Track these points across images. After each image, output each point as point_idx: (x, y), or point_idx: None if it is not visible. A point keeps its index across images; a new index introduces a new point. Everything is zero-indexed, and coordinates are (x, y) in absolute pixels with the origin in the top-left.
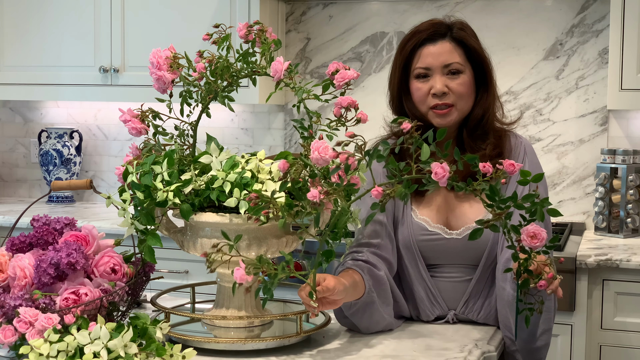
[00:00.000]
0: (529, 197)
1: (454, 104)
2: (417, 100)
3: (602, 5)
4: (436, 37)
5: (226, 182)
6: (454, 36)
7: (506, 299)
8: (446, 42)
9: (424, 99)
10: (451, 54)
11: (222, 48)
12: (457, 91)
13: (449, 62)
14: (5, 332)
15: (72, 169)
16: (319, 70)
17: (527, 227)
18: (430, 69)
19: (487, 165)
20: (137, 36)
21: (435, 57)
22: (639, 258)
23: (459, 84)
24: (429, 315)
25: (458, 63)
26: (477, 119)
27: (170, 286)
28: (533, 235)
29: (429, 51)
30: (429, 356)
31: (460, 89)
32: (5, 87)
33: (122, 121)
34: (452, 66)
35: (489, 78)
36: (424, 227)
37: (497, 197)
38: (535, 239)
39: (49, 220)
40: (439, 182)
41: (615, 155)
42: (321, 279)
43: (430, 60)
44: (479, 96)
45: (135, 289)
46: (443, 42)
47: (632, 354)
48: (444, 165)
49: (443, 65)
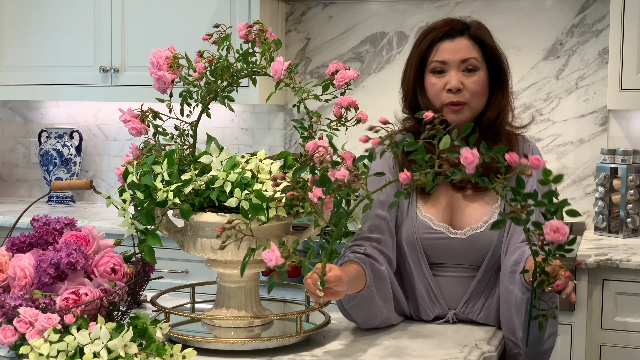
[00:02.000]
0: (549, 195)
1: (467, 102)
2: (432, 95)
3: (602, 5)
4: (454, 34)
5: (227, 182)
6: (472, 34)
7: (514, 302)
8: (464, 39)
9: (438, 95)
10: (468, 50)
11: (222, 48)
12: (471, 89)
13: (466, 57)
14: (5, 332)
15: (72, 169)
16: (319, 70)
17: (550, 222)
18: (447, 63)
19: (513, 155)
20: (137, 36)
21: (452, 52)
22: (639, 258)
23: (474, 81)
24: (428, 313)
25: (475, 59)
26: (491, 120)
27: (170, 286)
28: (556, 230)
29: (446, 46)
30: (429, 356)
31: (474, 87)
32: (5, 87)
33: (122, 121)
34: (469, 62)
35: (504, 79)
36: (428, 226)
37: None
38: (558, 233)
39: (49, 220)
40: (467, 169)
41: (615, 155)
42: (327, 269)
43: (447, 55)
44: (494, 97)
45: (135, 289)
46: (461, 38)
47: (632, 354)
48: (474, 151)
49: (460, 60)
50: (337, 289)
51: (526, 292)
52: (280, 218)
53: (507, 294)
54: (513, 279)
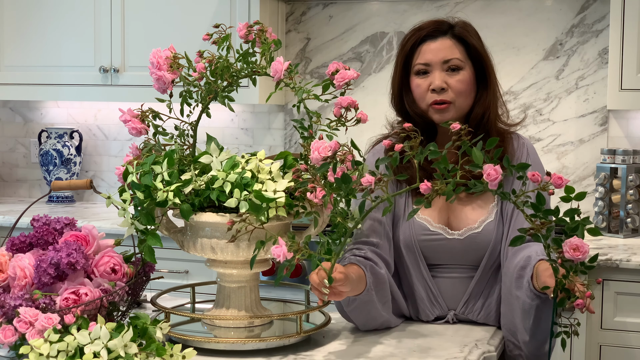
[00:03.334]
0: (571, 213)
1: (452, 101)
2: (417, 96)
3: (602, 5)
4: (437, 34)
5: (226, 182)
6: (455, 33)
7: (521, 307)
8: (446, 38)
9: (423, 96)
10: (451, 50)
11: (222, 48)
12: (455, 88)
13: (448, 57)
14: (5, 332)
15: (72, 169)
16: (319, 70)
17: (569, 239)
18: (430, 64)
19: (536, 174)
20: (137, 36)
21: (434, 53)
22: (638, 258)
23: (458, 80)
24: (428, 315)
25: (457, 59)
26: (478, 119)
27: (170, 286)
28: (575, 248)
29: (428, 47)
30: (429, 356)
31: (458, 85)
32: (5, 87)
33: (122, 121)
34: (452, 62)
35: (489, 77)
36: (425, 227)
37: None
38: (577, 251)
39: (49, 220)
40: (489, 184)
41: (615, 155)
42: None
43: (429, 56)
44: (479, 95)
45: (135, 289)
46: (443, 38)
47: (632, 354)
48: (497, 167)
49: (442, 61)
50: (341, 289)
51: (535, 298)
52: (280, 218)
53: (513, 299)
54: (520, 284)
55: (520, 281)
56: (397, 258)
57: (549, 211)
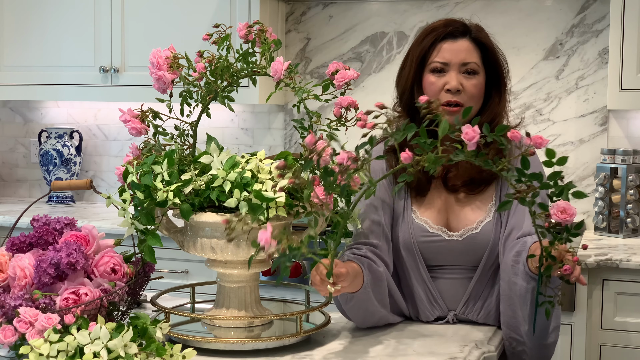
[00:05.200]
0: (553, 176)
1: (464, 103)
2: (430, 94)
3: (602, 5)
4: (456, 34)
5: (226, 181)
6: (473, 36)
7: (518, 293)
8: (466, 40)
9: (436, 94)
10: (470, 53)
11: (222, 48)
12: (470, 91)
13: (467, 60)
14: (5, 332)
15: (72, 169)
16: (319, 70)
17: (557, 202)
18: (448, 64)
19: (515, 132)
20: (137, 36)
21: (454, 53)
22: (638, 258)
23: (473, 84)
24: (428, 316)
25: (475, 64)
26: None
27: (170, 286)
28: (563, 210)
29: (448, 47)
30: (429, 356)
31: (473, 89)
32: (5, 87)
33: (122, 121)
34: (470, 66)
35: (502, 83)
36: (424, 229)
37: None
38: (565, 213)
39: (49, 220)
40: (468, 145)
41: (615, 155)
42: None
43: (449, 55)
44: (491, 101)
45: (135, 289)
46: (463, 40)
47: (632, 354)
48: (475, 128)
49: (461, 62)
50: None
51: (531, 281)
52: (280, 218)
53: (510, 288)
54: (516, 270)
55: (516, 267)
56: (397, 259)
57: (534, 175)
